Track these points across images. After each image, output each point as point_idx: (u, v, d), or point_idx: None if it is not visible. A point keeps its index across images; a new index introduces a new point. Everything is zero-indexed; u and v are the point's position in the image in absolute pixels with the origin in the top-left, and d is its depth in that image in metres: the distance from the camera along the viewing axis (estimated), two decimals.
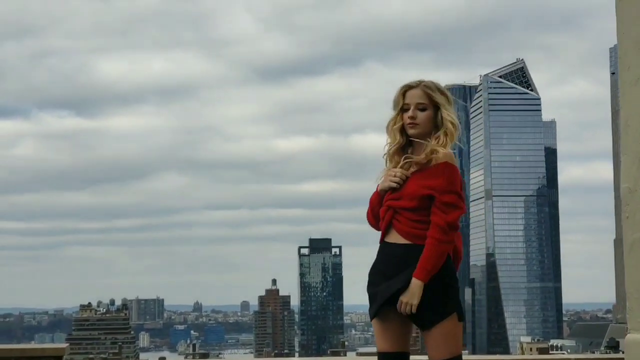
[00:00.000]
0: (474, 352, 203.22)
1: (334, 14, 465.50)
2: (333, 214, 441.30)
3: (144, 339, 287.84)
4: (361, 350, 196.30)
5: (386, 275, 4.42)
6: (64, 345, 6.40)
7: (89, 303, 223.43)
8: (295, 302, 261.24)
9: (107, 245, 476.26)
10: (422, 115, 4.46)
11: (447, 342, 4.38)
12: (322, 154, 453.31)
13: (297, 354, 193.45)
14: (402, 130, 4.51)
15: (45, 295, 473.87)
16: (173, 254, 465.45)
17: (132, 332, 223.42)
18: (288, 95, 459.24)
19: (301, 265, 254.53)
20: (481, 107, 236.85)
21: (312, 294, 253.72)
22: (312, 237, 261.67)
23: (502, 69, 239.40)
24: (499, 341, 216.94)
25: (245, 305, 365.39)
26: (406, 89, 4.50)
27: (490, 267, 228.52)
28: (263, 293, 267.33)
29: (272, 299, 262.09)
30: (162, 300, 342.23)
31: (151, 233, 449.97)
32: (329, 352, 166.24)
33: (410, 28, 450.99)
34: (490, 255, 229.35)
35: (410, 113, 4.46)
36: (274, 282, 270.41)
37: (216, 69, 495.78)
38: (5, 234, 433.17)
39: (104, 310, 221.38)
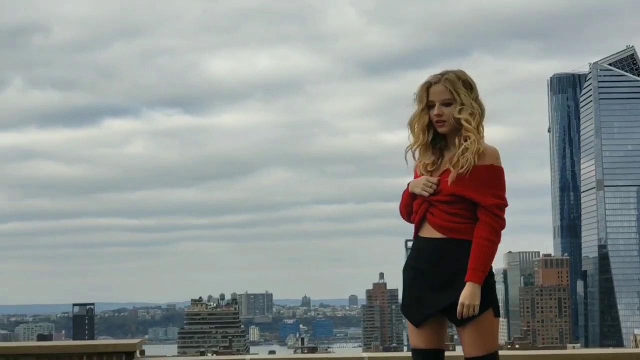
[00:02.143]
0: (586, 345, 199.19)
1: (438, 4, 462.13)
2: None
3: (253, 333, 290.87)
4: None
5: (421, 272, 4.35)
6: (136, 340, 6.27)
7: (200, 298, 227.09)
8: None
9: (216, 240, 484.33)
10: (448, 111, 4.38)
11: (483, 338, 4.29)
12: None
13: (405, 348, 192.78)
14: (427, 128, 4.43)
15: (158, 290, 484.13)
16: (281, 248, 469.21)
17: (242, 326, 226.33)
18: (393, 89, 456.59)
19: None
20: (591, 95, 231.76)
21: None
22: None
23: (612, 57, 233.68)
24: (612, 334, 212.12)
25: (353, 299, 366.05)
26: (428, 85, 4.42)
27: (603, 258, 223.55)
28: (370, 287, 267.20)
29: (379, 292, 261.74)
30: (271, 294, 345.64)
31: (259, 228, 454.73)
32: None
33: (518, 16, 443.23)
34: (602, 247, 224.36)
35: (436, 111, 4.39)
36: (382, 275, 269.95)
37: (321, 63, 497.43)
38: (118, 230, 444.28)
39: (215, 304, 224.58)
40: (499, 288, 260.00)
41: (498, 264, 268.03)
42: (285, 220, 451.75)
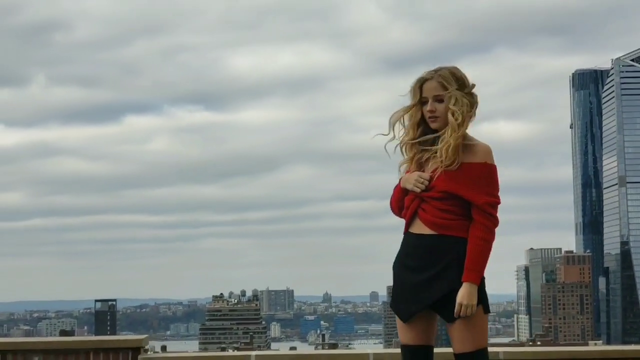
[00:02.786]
0: (608, 342, 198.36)
1: (461, 0, 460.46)
2: None
3: (274, 329, 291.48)
4: (492, 341, 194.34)
5: (411, 268, 4.34)
6: (143, 336, 6.26)
7: (221, 294, 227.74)
8: None
9: (238, 237, 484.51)
10: (440, 107, 4.36)
11: (472, 334, 4.27)
12: None
13: None
14: (418, 125, 4.42)
15: (180, 286, 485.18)
16: (303, 245, 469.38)
17: (263, 322, 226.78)
18: None
19: None
20: (613, 91, 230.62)
21: None
22: None
23: (635, 52, 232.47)
24: (634, 331, 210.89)
25: (374, 295, 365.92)
26: (422, 82, 4.41)
27: (625, 255, 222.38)
28: (392, 283, 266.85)
29: None
30: (292, 291, 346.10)
31: (281, 225, 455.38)
32: None
33: (541, 12, 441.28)
34: (624, 244, 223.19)
35: (429, 107, 4.37)
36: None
37: (343, 59, 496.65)
38: (141, 227, 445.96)
39: (236, 301, 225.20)
40: (521, 285, 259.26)
41: (520, 260, 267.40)
42: (307, 217, 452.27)
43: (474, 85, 4.43)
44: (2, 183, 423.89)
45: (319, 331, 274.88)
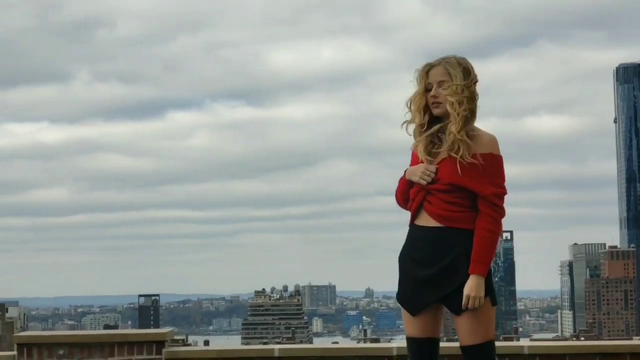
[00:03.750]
0: None
1: None
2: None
3: (317, 325, 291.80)
4: (536, 336, 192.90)
5: (418, 262, 4.31)
6: (167, 330, 6.27)
7: (263, 289, 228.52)
8: None
9: (279, 232, 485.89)
10: (444, 92, 4.32)
11: (480, 326, 4.24)
12: None
13: None
14: (424, 110, 4.39)
15: (222, 281, 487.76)
16: (344, 240, 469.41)
17: (305, 318, 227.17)
18: None
19: None
20: None
21: None
22: None
23: None
24: None
25: None
26: (429, 67, 4.40)
27: None
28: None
29: None
30: (334, 286, 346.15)
31: (322, 220, 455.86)
32: (501, 338, 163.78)
33: (584, 5, 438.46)
34: None
35: (432, 92, 4.34)
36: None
37: (384, 54, 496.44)
38: (183, 222, 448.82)
39: (278, 296, 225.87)
40: (565, 280, 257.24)
41: (564, 256, 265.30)
42: (348, 212, 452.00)
43: (476, 81, 4.37)
44: (46, 179, 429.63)
45: (361, 326, 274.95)
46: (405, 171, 4.45)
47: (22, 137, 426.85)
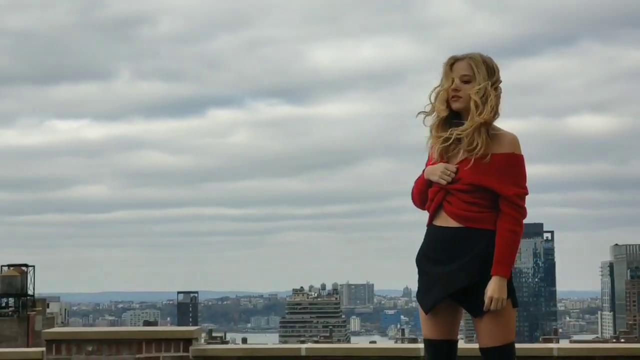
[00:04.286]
0: None
1: None
2: (545, 198, 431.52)
3: (354, 323, 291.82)
4: (575, 337, 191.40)
5: (436, 261, 4.22)
6: (194, 328, 6.28)
7: (301, 287, 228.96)
8: None
9: (318, 230, 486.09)
10: (466, 87, 4.25)
11: (500, 328, 4.17)
12: (534, 137, 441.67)
13: None
14: (446, 105, 4.32)
15: (260, 279, 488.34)
16: (383, 239, 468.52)
17: (343, 316, 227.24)
18: None
19: None
20: None
21: (524, 279, 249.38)
22: None
23: None
24: None
25: None
26: (453, 61, 4.32)
27: None
28: None
29: None
30: (372, 285, 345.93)
31: (361, 218, 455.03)
32: (541, 339, 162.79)
33: (628, 4, 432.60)
34: None
35: (453, 85, 4.27)
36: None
37: (425, 52, 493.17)
38: (222, 220, 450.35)
39: (316, 294, 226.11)
40: (606, 281, 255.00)
41: (605, 256, 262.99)
42: (387, 211, 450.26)
43: (500, 81, 4.30)
44: (88, 176, 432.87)
45: (399, 325, 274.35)
46: (423, 171, 4.38)
47: (64, 133, 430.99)
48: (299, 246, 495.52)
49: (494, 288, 4.10)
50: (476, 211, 4.16)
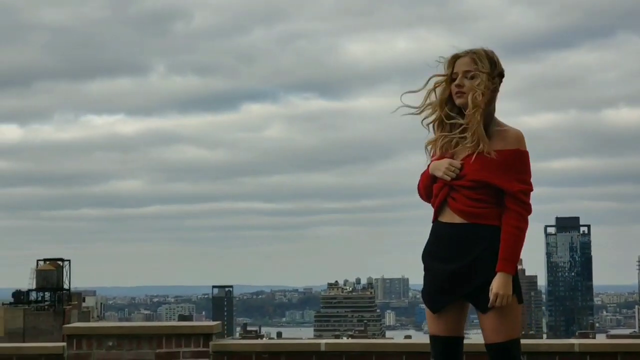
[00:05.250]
0: None
1: None
2: (582, 192, 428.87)
3: (389, 318, 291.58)
4: (612, 332, 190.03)
5: (441, 258, 4.22)
6: (214, 323, 6.30)
7: (336, 281, 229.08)
8: (542, 282, 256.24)
9: (353, 224, 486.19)
10: (469, 83, 4.22)
11: (505, 324, 4.16)
12: (571, 130, 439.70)
13: (544, 336, 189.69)
14: (446, 102, 4.31)
15: (295, 273, 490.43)
16: (417, 233, 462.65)
17: (377, 310, 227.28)
18: (535, 70, 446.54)
19: (547, 244, 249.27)
20: None
21: (560, 274, 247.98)
22: (558, 216, 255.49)
23: None
24: None
25: None
26: (455, 58, 4.31)
27: None
28: None
29: None
30: (407, 279, 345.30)
31: (396, 212, 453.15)
32: (577, 333, 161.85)
33: None
34: None
35: (457, 81, 4.25)
36: (520, 261, 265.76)
37: (460, 45, 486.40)
38: (256, 214, 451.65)
39: (351, 288, 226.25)
40: None
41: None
42: (422, 205, 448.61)
43: (503, 75, 4.28)
44: (123, 170, 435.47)
45: None
46: (428, 165, 4.36)
47: (99, 128, 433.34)
48: (333, 240, 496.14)
49: (499, 284, 4.09)
50: (481, 207, 4.15)
